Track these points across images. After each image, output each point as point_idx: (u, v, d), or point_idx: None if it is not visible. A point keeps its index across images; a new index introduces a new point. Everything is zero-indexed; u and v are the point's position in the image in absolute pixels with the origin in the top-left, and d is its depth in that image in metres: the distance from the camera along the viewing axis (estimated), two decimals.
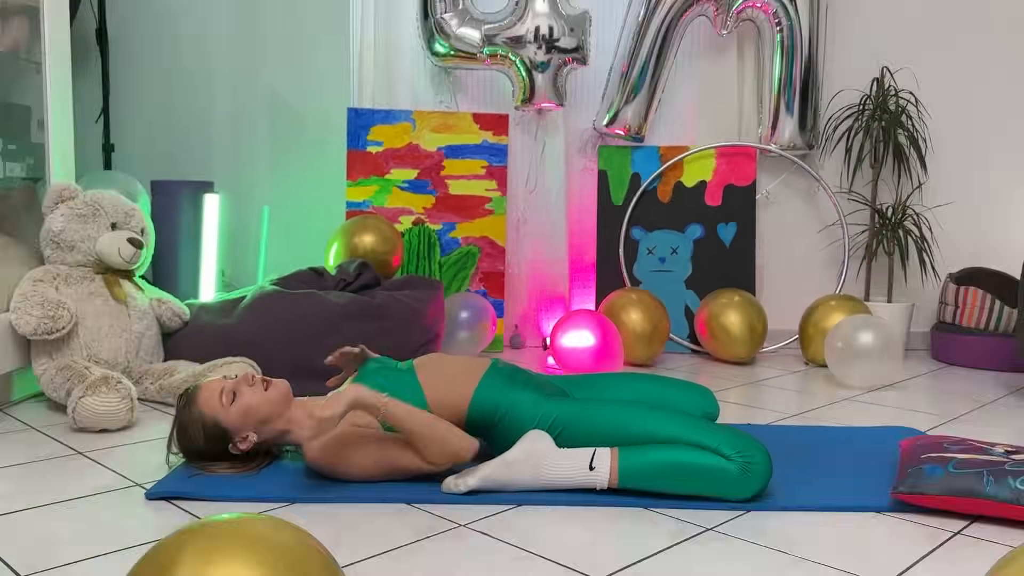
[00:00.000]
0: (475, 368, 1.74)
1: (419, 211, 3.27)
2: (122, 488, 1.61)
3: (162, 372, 2.31)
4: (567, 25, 3.12)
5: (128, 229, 2.41)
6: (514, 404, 1.67)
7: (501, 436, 1.68)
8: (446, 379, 1.71)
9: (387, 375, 1.72)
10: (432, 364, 1.75)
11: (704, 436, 1.55)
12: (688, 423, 1.58)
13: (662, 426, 1.58)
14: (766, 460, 1.54)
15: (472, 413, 1.69)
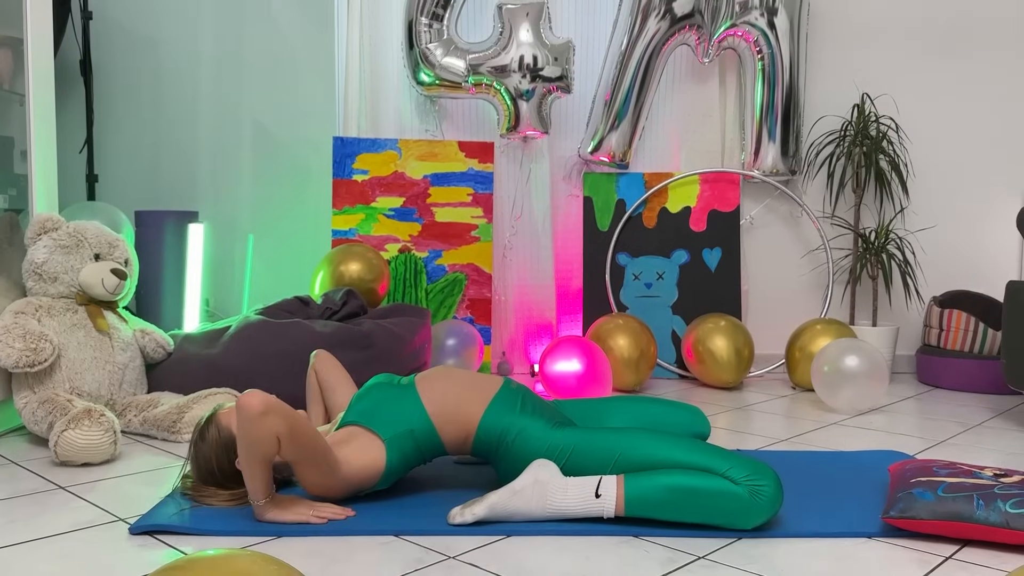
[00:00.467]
0: (486, 387, 1.71)
1: (405, 239, 3.27)
2: (105, 523, 1.58)
3: (146, 404, 2.28)
4: (551, 54, 3.15)
5: (112, 260, 2.39)
6: (524, 430, 1.65)
7: (506, 460, 1.66)
8: (453, 396, 1.69)
9: (386, 391, 1.71)
10: (436, 379, 1.73)
11: (715, 461, 1.53)
12: (698, 449, 1.56)
13: (672, 452, 1.56)
14: (775, 487, 1.51)
15: (480, 434, 1.67)
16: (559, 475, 1.57)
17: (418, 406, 1.68)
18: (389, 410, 1.68)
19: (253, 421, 1.47)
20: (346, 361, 2.41)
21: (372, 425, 1.66)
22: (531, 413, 1.69)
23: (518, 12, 3.15)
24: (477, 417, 1.67)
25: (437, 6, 3.15)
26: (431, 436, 1.68)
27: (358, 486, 1.64)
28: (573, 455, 1.62)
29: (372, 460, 1.63)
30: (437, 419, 1.67)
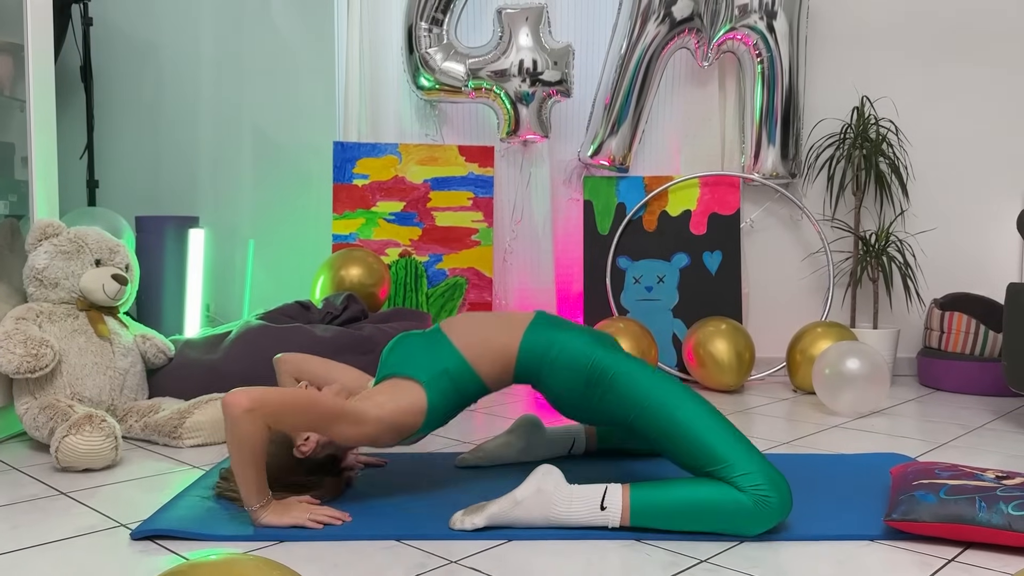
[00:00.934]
0: (518, 319, 1.73)
1: (406, 243, 3.27)
2: (107, 529, 1.58)
3: (147, 409, 2.28)
4: (550, 58, 3.15)
5: (112, 265, 2.39)
6: (566, 345, 1.65)
7: (550, 378, 1.66)
8: (483, 333, 1.70)
9: (414, 340, 1.71)
10: (463, 323, 1.73)
11: (733, 455, 1.52)
12: (725, 435, 1.54)
13: (698, 426, 1.54)
14: (782, 499, 1.50)
15: (522, 358, 1.67)
16: (563, 484, 1.55)
17: (449, 347, 1.68)
18: (421, 356, 1.68)
19: (241, 419, 1.46)
20: None
21: (407, 372, 1.66)
22: (571, 331, 1.69)
23: (518, 16, 3.16)
24: (515, 345, 1.68)
25: (437, 11, 3.16)
26: (467, 374, 1.67)
27: (402, 430, 1.62)
28: (611, 380, 1.61)
29: (411, 402, 1.61)
30: (471, 356, 1.67)
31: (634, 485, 1.55)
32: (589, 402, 1.65)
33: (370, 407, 1.58)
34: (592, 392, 1.63)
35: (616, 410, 1.62)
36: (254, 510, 1.54)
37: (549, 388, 1.69)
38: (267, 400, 1.48)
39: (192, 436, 2.19)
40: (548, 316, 1.74)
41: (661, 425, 1.58)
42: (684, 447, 1.56)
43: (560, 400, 1.69)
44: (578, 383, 1.64)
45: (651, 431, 1.59)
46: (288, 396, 1.51)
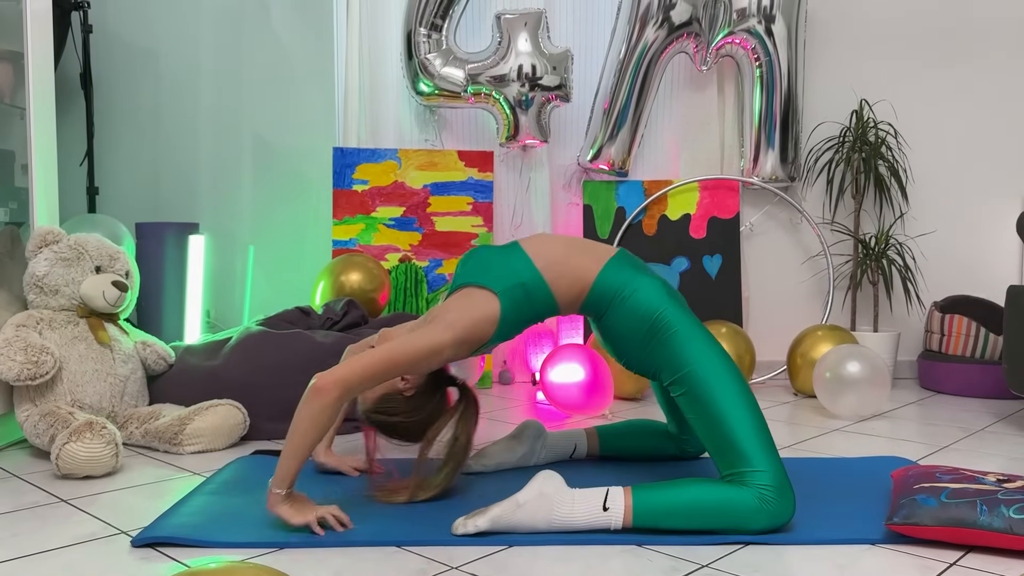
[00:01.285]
0: (602, 249, 1.74)
1: (406, 248, 3.27)
2: (107, 536, 1.58)
3: (147, 416, 2.28)
4: (549, 63, 3.16)
5: (113, 272, 2.39)
6: (642, 288, 1.66)
7: (615, 315, 1.67)
8: (563, 253, 1.71)
9: (491, 251, 1.72)
10: (544, 241, 1.74)
11: (751, 450, 1.54)
12: (753, 425, 1.56)
13: (730, 407, 1.57)
14: (784, 501, 1.52)
15: (597, 287, 1.68)
16: (564, 487, 1.56)
17: (527, 261, 1.68)
18: (498, 266, 1.68)
19: (330, 406, 1.49)
20: None
21: (483, 281, 1.66)
22: (649, 276, 1.70)
23: (516, 22, 3.16)
24: (594, 273, 1.69)
25: (436, 16, 3.16)
26: (542, 290, 1.67)
27: (474, 343, 1.63)
28: (670, 335, 1.62)
29: (483, 313, 1.62)
30: (547, 273, 1.68)
31: (636, 487, 1.56)
32: (642, 349, 1.67)
33: (442, 332, 1.58)
34: (649, 341, 1.65)
35: (663, 365, 1.64)
36: (276, 494, 1.53)
37: (610, 325, 1.70)
38: (352, 380, 1.50)
39: (192, 442, 2.19)
40: (630, 255, 1.75)
41: (697, 395, 1.60)
42: (710, 424, 1.58)
43: (615, 339, 1.71)
44: (641, 328, 1.66)
45: (685, 398, 1.62)
46: (367, 365, 1.52)
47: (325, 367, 2.38)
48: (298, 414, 1.51)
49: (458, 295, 1.68)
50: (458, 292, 1.69)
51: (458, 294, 1.68)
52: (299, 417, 1.51)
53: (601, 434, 2.10)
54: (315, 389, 1.50)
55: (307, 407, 1.50)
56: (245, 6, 3.48)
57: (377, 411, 1.72)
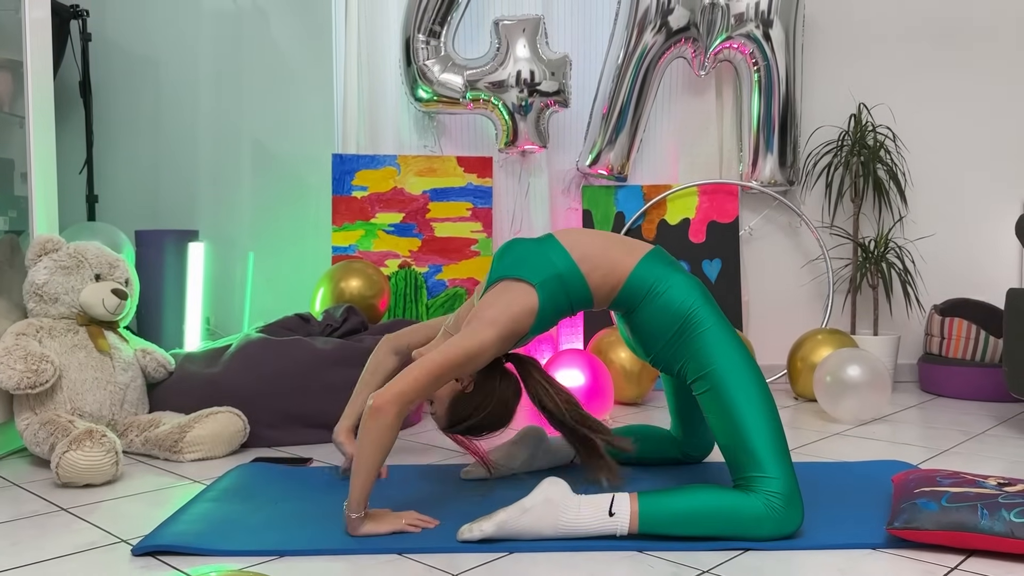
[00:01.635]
0: (638, 244, 1.75)
1: (405, 254, 3.27)
2: (107, 545, 1.58)
3: (147, 424, 2.28)
4: (548, 69, 3.16)
5: (112, 280, 2.39)
6: (675, 284, 1.67)
7: (647, 310, 1.68)
8: (600, 247, 1.72)
9: (526, 244, 1.73)
10: (580, 234, 1.75)
11: (764, 455, 1.54)
12: (769, 430, 1.57)
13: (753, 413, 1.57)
14: (791, 510, 1.52)
15: (631, 282, 1.69)
16: (570, 493, 1.56)
17: (563, 254, 1.69)
18: (534, 259, 1.69)
19: (394, 424, 1.50)
20: (347, 378, 2.41)
21: (520, 274, 1.67)
22: (683, 273, 1.71)
23: (515, 28, 3.17)
24: (629, 267, 1.70)
25: (434, 23, 3.17)
26: (579, 282, 1.68)
27: (514, 337, 1.64)
28: (699, 334, 1.63)
29: (522, 306, 1.63)
30: (583, 265, 1.69)
31: (642, 493, 1.56)
32: (671, 346, 1.67)
33: (486, 329, 1.59)
34: (679, 338, 1.66)
35: (689, 361, 1.65)
36: (355, 519, 1.54)
37: (641, 321, 1.70)
38: (408, 393, 1.51)
39: (193, 450, 2.19)
40: (665, 253, 1.76)
41: (719, 394, 1.61)
42: (728, 425, 1.59)
43: (644, 334, 1.71)
44: (671, 326, 1.66)
45: (708, 395, 1.63)
46: (419, 375, 1.53)
47: (323, 375, 2.38)
48: (361, 436, 1.51)
49: (496, 290, 1.69)
50: (496, 286, 1.70)
51: (496, 288, 1.69)
52: (363, 439, 1.51)
53: None
54: (374, 409, 1.50)
55: (370, 428, 1.50)
56: (244, 13, 3.49)
57: (454, 422, 1.73)
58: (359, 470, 1.52)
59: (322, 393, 2.37)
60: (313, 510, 1.74)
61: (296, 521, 1.67)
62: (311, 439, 2.39)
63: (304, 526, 1.64)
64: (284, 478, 1.98)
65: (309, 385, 2.37)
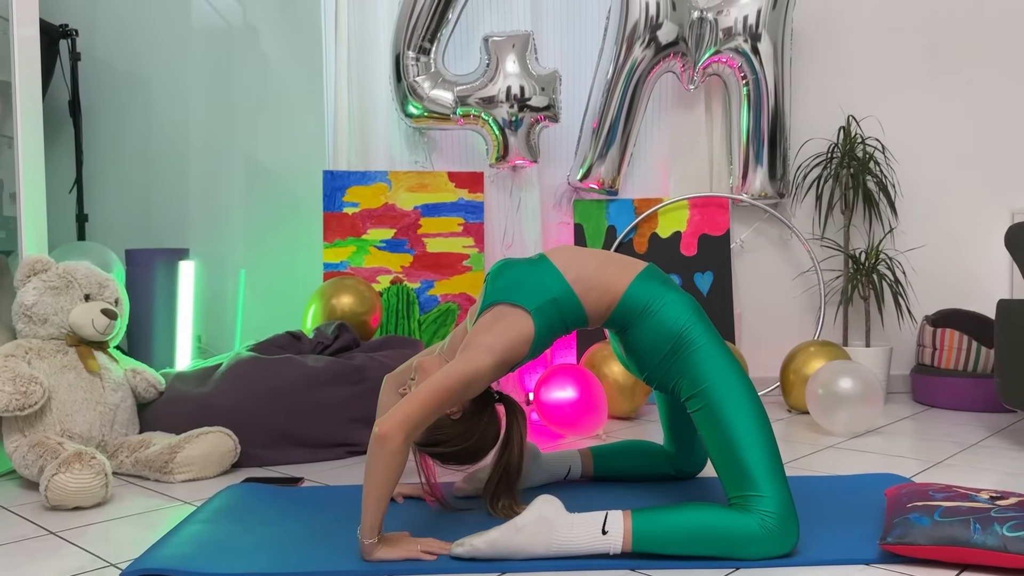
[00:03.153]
0: (631, 263, 1.75)
1: (397, 270, 3.27)
2: (96, 569, 1.56)
3: (137, 444, 2.26)
4: (538, 84, 3.17)
5: (102, 300, 2.38)
6: (670, 303, 1.67)
7: (641, 328, 1.68)
8: (593, 267, 1.71)
9: (520, 266, 1.72)
10: (573, 254, 1.75)
11: (758, 474, 1.54)
12: (763, 447, 1.56)
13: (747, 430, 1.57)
14: (786, 530, 1.51)
15: (626, 301, 1.68)
16: (563, 511, 1.55)
17: (557, 276, 1.68)
18: (529, 283, 1.68)
19: (400, 451, 1.48)
20: (338, 396, 2.40)
21: (515, 299, 1.66)
22: (677, 291, 1.71)
23: (504, 44, 3.18)
24: (624, 286, 1.69)
25: (424, 40, 3.18)
26: (574, 304, 1.68)
27: (511, 363, 1.63)
28: (693, 352, 1.63)
29: (518, 333, 1.62)
30: (578, 287, 1.68)
31: (636, 511, 1.55)
32: (665, 363, 1.67)
33: (483, 356, 1.58)
34: (673, 356, 1.65)
35: (683, 379, 1.64)
36: (368, 544, 1.52)
37: (635, 339, 1.70)
38: (413, 418, 1.49)
39: (184, 471, 2.18)
40: (659, 271, 1.76)
41: (713, 412, 1.60)
42: (722, 443, 1.58)
43: (638, 353, 1.71)
44: (665, 344, 1.66)
45: (702, 413, 1.62)
46: (423, 401, 1.51)
47: (315, 393, 2.37)
48: (370, 464, 1.49)
49: (491, 315, 1.67)
50: (491, 311, 1.68)
51: (491, 313, 1.68)
52: (372, 467, 1.48)
53: (595, 455, 2.09)
54: (381, 437, 1.47)
55: (377, 456, 1.48)
56: (234, 31, 3.49)
57: (431, 442, 1.71)
58: (369, 497, 1.49)
59: (314, 411, 2.36)
60: (304, 531, 1.73)
61: (288, 542, 1.66)
62: (303, 458, 2.38)
63: (296, 548, 1.63)
64: (275, 498, 1.97)
65: (300, 403, 2.36)
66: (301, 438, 2.36)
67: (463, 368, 1.56)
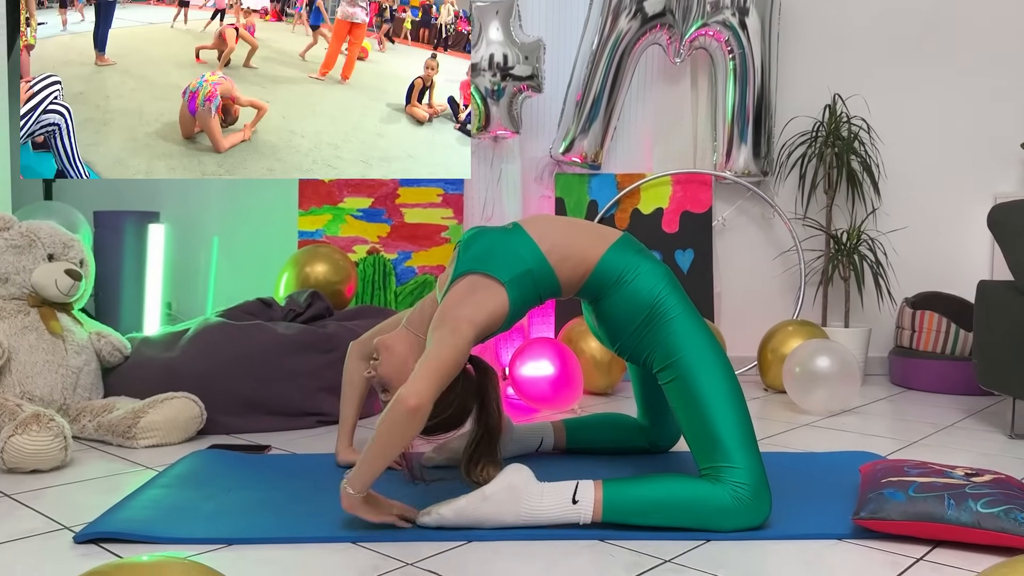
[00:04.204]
0: (606, 231, 1.71)
1: (374, 240, 3.21)
2: (49, 532, 1.51)
3: (101, 409, 2.21)
4: (521, 53, 3.11)
5: (66, 260, 2.32)
6: (644, 272, 1.63)
7: (615, 297, 1.64)
8: (567, 236, 1.67)
9: (493, 234, 1.67)
10: (548, 223, 1.70)
11: (731, 446, 1.51)
12: (736, 421, 1.53)
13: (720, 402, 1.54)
14: (759, 501, 1.49)
15: (599, 270, 1.65)
16: (533, 480, 1.51)
17: (532, 246, 1.64)
18: (503, 253, 1.63)
19: (421, 419, 1.42)
20: (309, 364, 2.35)
21: (489, 270, 1.61)
22: (653, 261, 1.67)
23: (488, 10, 3.11)
24: (598, 255, 1.65)
25: None
26: (548, 275, 1.64)
27: (487, 333, 1.59)
28: (667, 322, 1.59)
29: (494, 307, 1.58)
30: (552, 256, 1.64)
31: (607, 481, 1.52)
32: (638, 334, 1.63)
33: (468, 329, 1.53)
34: (646, 326, 1.62)
35: (656, 350, 1.61)
36: (352, 495, 1.45)
37: (608, 308, 1.66)
38: (433, 389, 1.44)
39: (147, 436, 2.13)
40: (634, 240, 1.72)
41: (686, 383, 1.57)
42: (694, 415, 1.55)
43: (611, 323, 1.67)
44: (639, 314, 1.62)
45: (674, 385, 1.59)
46: (435, 371, 1.45)
47: (286, 360, 2.32)
48: (390, 428, 1.42)
49: (465, 285, 1.61)
50: (463, 280, 1.62)
51: (464, 283, 1.61)
52: (391, 430, 1.42)
53: (568, 427, 2.06)
54: (411, 408, 1.41)
55: (404, 425, 1.41)
56: None
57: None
58: (376, 456, 1.43)
59: (283, 379, 2.31)
60: (268, 498, 1.69)
61: (250, 509, 1.61)
62: (270, 426, 2.33)
63: (257, 514, 1.58)
64: (240, 466, 1.93)
65: (269, 371, 2.31)
66: (269, 406, 2.31)
67: (456, 340, 1.50)
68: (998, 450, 2.20)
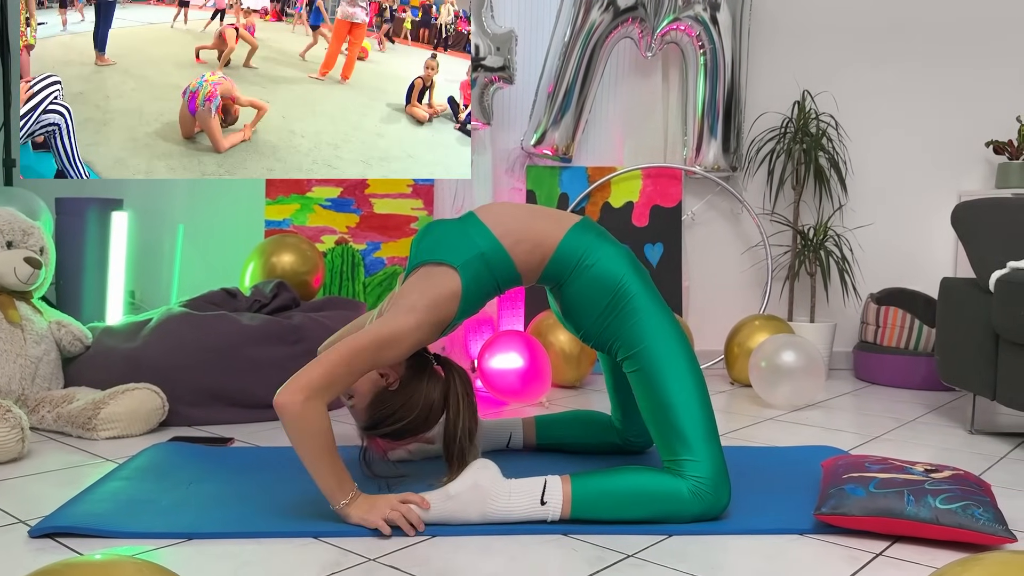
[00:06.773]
0: (564, 216, 1.68)
1: (342, 230, 3.18)
2: (4, 525, 1.48)
3: (60, 399, 2.17)
4: (493, 43, 3.09)
5: (25, 248, 2.27)
6: (605, 255, 1.61)
7: (575, 284, 1.62)
8: (522, 220, 1.64)
9: (445, 225, 1.64)
10: (502, 209, 1.68)
11: (693, 437, 1.52)
12: (698, 412, 1.54)
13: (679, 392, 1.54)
14: (717, 494, 1.50)
15: (559, 255, 1.62)
16: (500, 479, 1.50)
17: (484, 231, 1.61)
18: (454, 240, 1.61)
19: (305, 413, 1.40)
20: (274, 355, 2.32)
21: (440, 257, 1.58)
22: (614, 245, 1.65)
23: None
24: (556, 239, 1.63)
25: None
26: (503, 259, 1.61)
27: (440, 323, 1.55)
28: (630, 308, 1.58)
29: (445, 290, 1.54)
30: (506, 240, 1.61)
31: (574, 475, 1.52)
32: (601, 321, 1.62)
33: (404, 317, 1.50)
34: (610, 313, 1.61)
35: (619, 339, 1.60)
36: (340, 507, 1.44)
37: (571, 295, 1.64)
38: (313, 379, 1.41)
39: (107, 428, 2.09)
40: (594, 223, 1.70)
41: (648, 374, 1.57)
42: (656, 406, 1.56)
43: (574, 310, 1.65)
44: (602, 299, 1.61)
45: (637, 375, 1.59)
46: (327, 364, 1.43)
47: (250, 350, 2.29)
48: (295, 438, 1.42)
49: (416, 276, 1.60)
50: (416, 272, 1.61)
51: (416, 275, 1.60)
52: (291, 438, 1.42)
53: (539, 424, 2.04)
54: (278, 408, 1.40)
55: (287, 427, 1.41)
56: None
57: (375, 421, 1.61)
58: (312, 467, 1.42)
59: (246, 370, 2.28)
60: (230, 492, 1.67)
61: (210, 503, 1.59)
62: (234, 418, 2.30)
63: (218, 508, 1.56)
64: (202, 458, 1.90)
65: (232, 362, 2.28)
66: (233, 397, 2.28)
67: (380, 330, 1.48)
68: (958, 445, 2.23)
